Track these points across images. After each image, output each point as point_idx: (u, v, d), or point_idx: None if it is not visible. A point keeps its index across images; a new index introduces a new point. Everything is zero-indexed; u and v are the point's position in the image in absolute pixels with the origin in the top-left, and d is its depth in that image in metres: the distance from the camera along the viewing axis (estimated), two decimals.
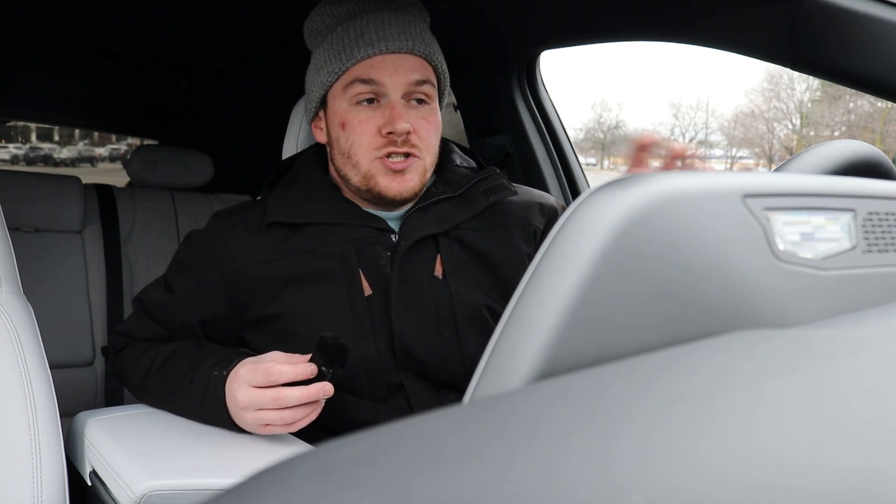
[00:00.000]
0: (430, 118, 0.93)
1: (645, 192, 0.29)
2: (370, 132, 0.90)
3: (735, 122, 32.17)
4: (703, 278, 0.30)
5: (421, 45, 0.91)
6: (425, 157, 0.92)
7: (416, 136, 0.90)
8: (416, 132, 0.90)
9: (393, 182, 0.90)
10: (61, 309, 1.55)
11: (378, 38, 0.90)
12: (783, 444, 0.21)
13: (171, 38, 1.65)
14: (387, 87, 0.89)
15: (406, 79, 0.90)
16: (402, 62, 0.90)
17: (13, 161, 14.89)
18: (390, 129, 0.88)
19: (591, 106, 53.41)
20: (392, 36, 0.90)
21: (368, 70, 0.90)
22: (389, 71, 0.89)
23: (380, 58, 0.90)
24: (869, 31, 0.79)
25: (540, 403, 0.22)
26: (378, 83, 0.89)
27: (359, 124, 0.90)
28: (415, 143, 0.90)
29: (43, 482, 0.74)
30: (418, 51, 0.91)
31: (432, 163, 0.94)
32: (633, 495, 0.18)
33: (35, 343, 0.82)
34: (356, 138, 0.91)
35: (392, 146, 0.89)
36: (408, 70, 0.90)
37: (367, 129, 0.90)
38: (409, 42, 0.90)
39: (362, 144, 0.90)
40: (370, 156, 0.90)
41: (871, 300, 0.37)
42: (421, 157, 0.91)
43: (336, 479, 0.17)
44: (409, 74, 0.90)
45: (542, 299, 0.28)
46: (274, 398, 0.78)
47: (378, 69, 0.89)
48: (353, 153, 0.91)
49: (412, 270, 0.90)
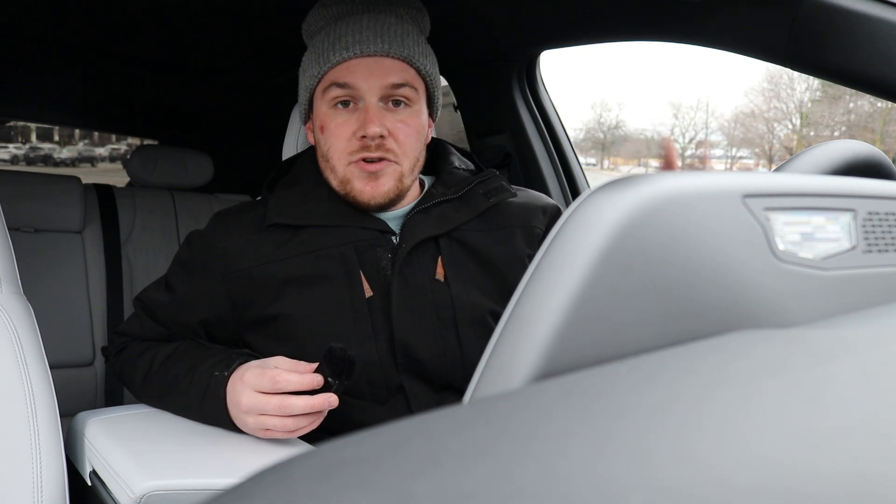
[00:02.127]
0: (410, 121, 0.92)
1: (645, 192, 0.29)
2: (345, 136, 0.90)
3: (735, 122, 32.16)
4: (703, 278, 0.30)
5: (399, 47, 0.91)
6: (402, 161, 0.91)
7: (393, 140, 0.90)
8: (392, 135, 0.90)
9: (367, 186, 0.90)
10: (61, 309, 1.55)
11: (353, 42, 0.90)
12: (783, 445, 0.21)
13: (172, 38, 1.65)
14: (362, 91, 0.89)
15: (381, 81, 0.89)
16: (379, 65, 0.90)
17: (13, 161, 14.89)
18: (363, 133, 0.88)
19: (591, 106, 53.41)
20: (367, 39, 0.90)
21: (344, 74, 0.90)
22: (364, 74, 0.89)
23: (356, 61, 0.90)
24: (869, 31, 0.79)
25: (540, 403, 0.22)
26: (353, 87, 0.89)
27: (335, 128, 0.91)
28: (390, 146, 0.89)
29: (43, 482, 0.74)
30: (396, 53, 0.90)
31: (412, 167, 0.93)
32: (633, 495, 0.18)
33: (35, 343, 0.82)
34: (332, 142, 0.91)
35: (366, 151, 0.89)
36: (383, 73, 0.90)
37: (342, 132, 0.90)
38: (385, 45, 0.90)
39: (338, 148, 0.91)
40: (345, 160, 0.90)
41: (871, 300, 0.37)
42: (397, 161, 0.91)
43: (336, 479, 0.17)
44: (385, 77, 0.89)
45: (542, 299, 0.28)
46: (278, 406, 0.78)
47: (353, 73, 0.89)
48: (330, 156, 0.92)
49: (413, 272, 0.90)
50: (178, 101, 2.19)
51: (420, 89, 0.94)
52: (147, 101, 2.21)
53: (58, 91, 2.11)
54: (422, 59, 0.94)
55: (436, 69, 0.98)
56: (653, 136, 37.61)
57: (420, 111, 0.94)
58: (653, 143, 37.05)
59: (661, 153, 4.99)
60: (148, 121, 2.47)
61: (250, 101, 2.06)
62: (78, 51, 1.73)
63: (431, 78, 0.96)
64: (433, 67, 0.97)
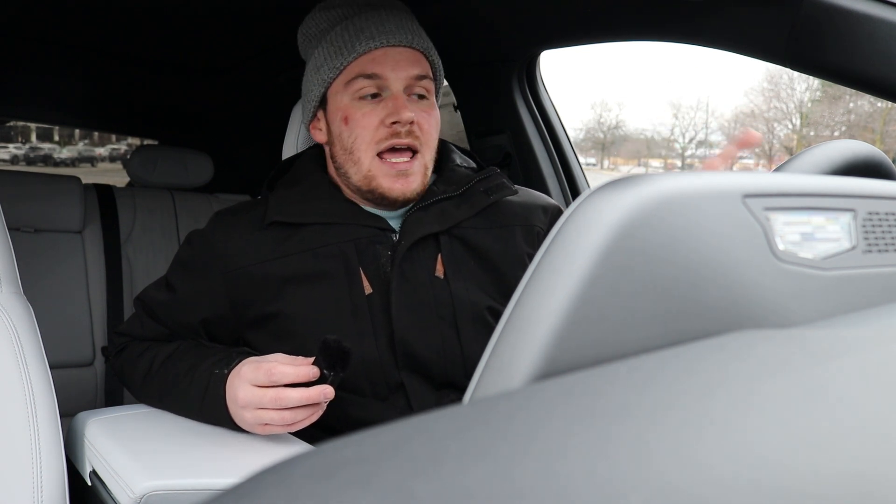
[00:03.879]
0: (431, 112, 0.94)
1: (645, 192, 0.29)
2: (373, 125, 0.90)
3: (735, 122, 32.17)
4: (703, 278, 0.30)
5: (419, 39, 0.93)
6: (425, 152, 0.92)
7: (419, 129, 0.91)
8: (418, 124, 0.91)
9: (396, 184, 0.91)
10: (61, 309, 1.55)
11: (378, 33, 0.91)
12: (783, 445, 0.21)
13: (172, 38, 1.65)
14: (389, 81, 0.90)
15: (407, 73, 0.91)
16: (403, 56, 0.91)
17: (13, 161, 14.89)
18: (395, 119, 0.89)
19: (591, 106, 53.41)
20: (391, 30, 0.91)
21: (371, 65, 0.90)
22: (391, 65, 0.90)
23: (381, 52, 0.91)
24: (869, 31, 0.79)
25: (540, 403, 0.22)
26: (381, 77, 0.90)
27: (362, 118, 0.91)
28: (417, 134, 0.91)
29: (43, 482, 0.74)
30: (417, 45, 0.92)
31: (432, 159, 0.95)
32: (633, 495, 0.18)
33: (35, 343, 0.82)
34: (359, 132, 0.91)
35: (395, 138, 0.90)
36: (408, 64, 0.91)
37: (370, 122, 0.90)
38: (409, 36, 0.92)
39: (365, 138, 0.91)
40: (372, 151, 0.90)
41: (871, 300, 0.37)
42: (422, 151, 0.92)
43: (336, 479, 0.17)
44: (410, 69, 0.91)
45: (542, 299, 0.28)
46: (274, 398, 0.78)
47: (380, 63, 0.90)
48: (355, 148, 0.92)
49: (413, 269, 0.91)
50: (178, 101, 2.19)
51: (433, 82, 0.96)
52: (147, 101, 2.21)
53: (58, 91, 2.11)
54: (434, 52, 0.96)
55: (441, 64, 0.99)
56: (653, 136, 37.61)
57: (435, 104, 0.96)
58: (653, 143, 37.05)
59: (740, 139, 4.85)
60: (148, 121, 2.47)
61: (250, 101, 2.06)
62: (78, 51, 1.73)
63: (440, 74, 0.98)
64: (440, 62, 0.99)
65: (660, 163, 35.87)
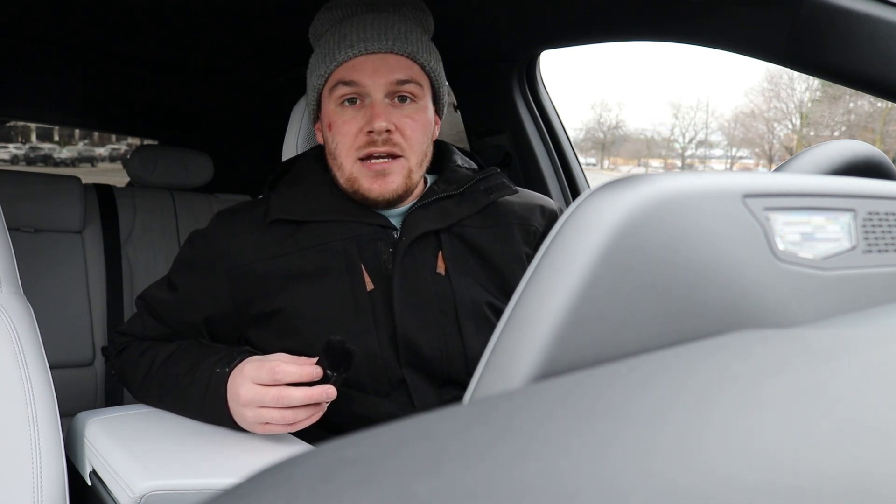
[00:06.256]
0: (416, 116, 0.93)
1: (645, 192, 0.29)
2: (352, 132, 0.91)
3: (735, 122, 32.21)
4: (703, 278, 0.30)
5: (403, 44, 0.92)
6: (409, 156, 0.92)
7: (399, 135, 0.91)
8: (399, 130, 0.91)
9: (374, 184, 0.91)
10: (61, 309, 1.55)
11: (358, 40, 0.91)
12: (783, 445, 0.21)
13: (172, 38, 1.65)
14: (367, 88, 0.91)
15: (387, 78, 0.91)
16: (384, 62, 0.91)
17: (13, 161, 14.90)
18: (369, 129, 0.90)
19: (591, 106, 53.44)
20: (372, 37, 0.91)
21: (350, 72, 0.91)
22: (369, 71, 0.91)
23: (361, 59, 0.91)
24: (869, 31, 0.79)
25: (540, 403, 0.22)
26: (359, 84, 0.91)
27: (343, 125, 0.92)
28: (397, 141, 0.91)
29: (43, 482, 0.74)
30: (399, 50, 0.92)
31: (419, 162, 0.94)
32: (634, 495, 0.18)
33: (35, 343, 0.82)
34: (340, 139, 0.92)
35: (372, 146, 0.90)
36: (388, 70, 0.91)
37: (349, 129, 0.92)
38: (389, 42, 0.92)
39: (345, 144, 0.92)
40: (352, 157, 0.92)
41: (871, 300, 0.37)
42: (404, 156, 0.92)
43: (337, 479, 0.17)
44: (390, 74, 0.91)
45: (542, 299, 0.28)
46: (276, 397, 0.78)
47: (359, 70, 0.91)
48: (337, 154, 0.93)
49: (414, 266, 0.91)
50: (178, 101, 2.19)
51: (425, 85, 0.95)
52: (147, 101, 2.21)
53: (58, 91, 2.10)
54: (425, 55, 0.95)
55: (440, 66, 0.99)
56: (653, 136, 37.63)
57: (426, 107, 0.95)
58: (653, 143, 37.06)
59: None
60: (148, 121, 2.47)
61: (250, 101, 2.06)
62: (78, 51, 1.73)
63: (436, 74, 0.97)
64: (437, 64, 0.98)
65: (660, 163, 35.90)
